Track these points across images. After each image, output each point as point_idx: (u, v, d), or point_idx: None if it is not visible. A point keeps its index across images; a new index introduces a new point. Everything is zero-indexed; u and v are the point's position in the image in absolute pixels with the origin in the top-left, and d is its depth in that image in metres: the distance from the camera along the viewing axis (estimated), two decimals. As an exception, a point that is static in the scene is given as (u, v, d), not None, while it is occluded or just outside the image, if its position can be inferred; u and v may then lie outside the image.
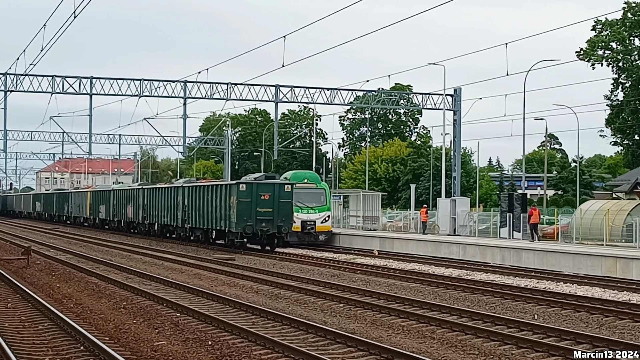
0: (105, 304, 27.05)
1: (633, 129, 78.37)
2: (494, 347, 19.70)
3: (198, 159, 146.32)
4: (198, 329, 21.81)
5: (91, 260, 45.02)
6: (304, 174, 62.01)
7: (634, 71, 76.59)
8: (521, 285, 32.67)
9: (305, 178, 59.81)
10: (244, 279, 35.67)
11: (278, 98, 71.64)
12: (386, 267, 41.31)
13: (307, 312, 25.48)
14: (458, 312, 25.01)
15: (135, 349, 19.03)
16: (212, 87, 70.17)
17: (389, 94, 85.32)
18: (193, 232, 60.60)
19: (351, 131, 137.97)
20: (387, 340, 20.32)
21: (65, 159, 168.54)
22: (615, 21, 78.32)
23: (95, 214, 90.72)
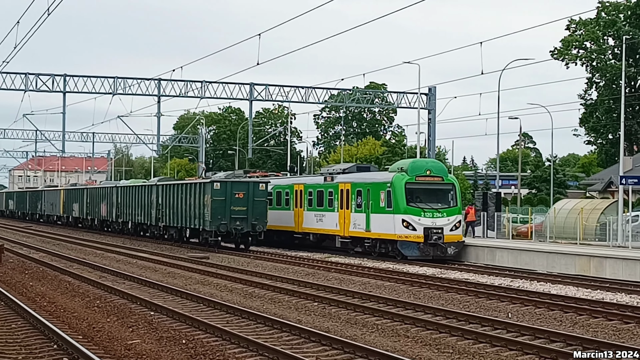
0: (78, 303, 26.96)
1: (607, 128, 78.76)
2: (468, 345, 19.76)
3: (172, 158, 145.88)
4: (172, 327, 21.77)
5: (64, 258, 44.86)
6: (425, 164, 46.12)
7: (607, 70, 76.90)
8: (495, 284, 32.78)
9: (428, 169, 44.58)
10: (218, 277, 35.63)
11: (252, 96, 71.53)
12: (360, 265, 41.36)
13: (282, 310, 25.48)
14: (432, 311, 25.08)
15: (109, 348, 18.98)
16: (186, 85, 70.00)
17: (364, 92, 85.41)
18: (167, 231, 60.44)
19: (326, 130, 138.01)
20: (361, 338, 20.35)
21: (39, 157, 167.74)
22: (589, 20, 78.70)
23: (69, 213, 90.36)
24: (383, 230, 44.20)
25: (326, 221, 49.83)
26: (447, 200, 44.68)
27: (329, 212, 49.57)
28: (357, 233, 46.55)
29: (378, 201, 44.34)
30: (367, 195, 45.39)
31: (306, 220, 52.57)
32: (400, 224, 42.75)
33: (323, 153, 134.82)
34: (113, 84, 68.86)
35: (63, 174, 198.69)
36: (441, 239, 43.17)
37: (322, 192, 50.75)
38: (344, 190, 47.92)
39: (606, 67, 77.44)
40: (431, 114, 73.43)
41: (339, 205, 48.26)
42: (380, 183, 44.66)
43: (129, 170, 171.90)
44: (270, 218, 53.21)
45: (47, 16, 34.90)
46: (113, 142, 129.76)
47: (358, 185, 46.73)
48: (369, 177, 47.37)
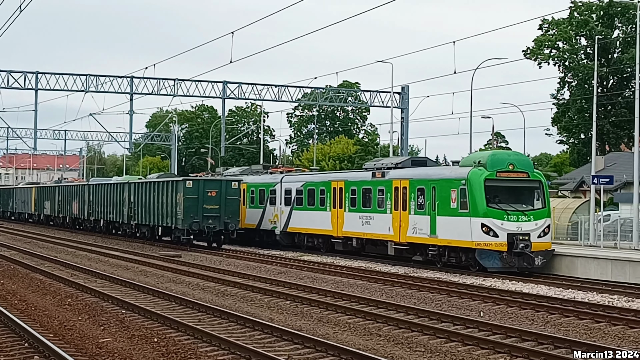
0: (50, 301, 26.87)
1: (579, 128, 79.10)
2: (440, 344, 19.82)
3: (144, 155, 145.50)
4: (144, 326, 21.73)
5: (36, 256, 44.68)
6: (507, 156, 38.06)
7: (580, 70, 77.26)
8: (467, 283, 32.86)
9: (511, 163, 36.90)
10: (190, 276, 35.58)
11: (225, 94, 71.63)
12: (333, 264, 41.37)
13: (254, 309, 25.48)
14: (405, 310, 25.12)
15: (80, 346, 18.94)
16: (159, 83, 70.02)
17: (337, 91, 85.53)
18: (139, 229, 60.26)
19: (299, 128, 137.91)
20: (333, 337, 20.37)
21: (10, 155, 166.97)
22: (561, 20, 79.02)
23: (40, 210, 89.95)
24: (454, 237, 36.84)
25: (375, 224, 42.57)
26: (533, 200, 37.50)
27: (379, 214, 42.15)
28: (417, 239, 39.21)
29: (447, 201, 37.05)
30: (431, 194, 38.03)
31: (348, 223, 45.00)
32: (478, 229, 35.58)
33: (296, 151, 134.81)
34: (85, 81, 68.78)
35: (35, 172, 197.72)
36: (528, 247, 35.71)
37: (370, 190, 43.26)
38: (400, 188, 40.48)
39: (578, 67, 77.80)
40: (404, 113, 73.70)
41: (393, 206, 40.91)
42: (451, 180, 37.20)
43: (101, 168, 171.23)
44: (301, 219, 49.57)
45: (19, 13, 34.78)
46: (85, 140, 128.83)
47: (419, 182, 39.21)
48: (434, 172, 40.26)
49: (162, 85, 70.12)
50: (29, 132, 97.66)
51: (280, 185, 52.09)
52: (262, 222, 53.68)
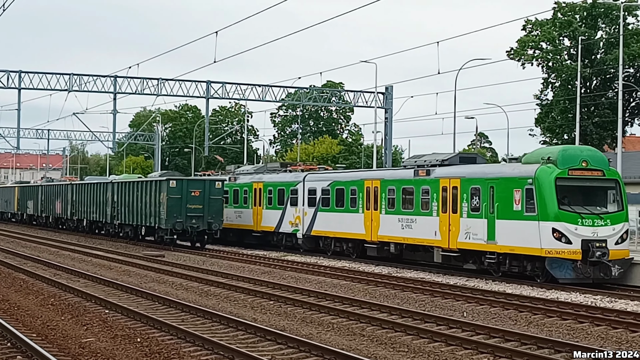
0: (32, 301, 26.80)
1: (562, 129, 79.24)
2: (423, 344, 19.83)
3: (128, 155, 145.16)
4: (127, 325, 21.70)
5: (18, 256, 44.54)
6: (579, 152, 32.96)
7: (563, 71, 77.42)
8: (450, 283, 32.89)
9: (584, 160, 31.99)
10: (173, 275, 35.52)
11: (209, 94, 71.54)
12: (316, 264, 41.35)
13: (237, 309, 25.47)
14: (388, 310, 25.14)
15: (63, 346, 18.90)
16: (142, 82, 69.86)
17: (321, 91, 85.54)
18: (122, 229, 60.13)
19: (282, 128, 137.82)
20: (317, 337, 20.38)
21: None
22: (545, 21, 79.19)
23: (23, 210, 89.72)
24: (518, 243, 32.11)
25: (418, 228, 37.86)
26: (609, 202, 33.02)
27: (423, 217, 37.50)
28: (470, 245, 34.59)
29: (509, 203, 32.42)
30: (489, 195, 33.46)
31: (385, 227, 40.27)
32: (549, 235, 30.90)
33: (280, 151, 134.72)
34: (68, 80, 68.57)
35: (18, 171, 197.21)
36: (605, 255, 30.97)
37: (412, 190, 38.55)
38: (449, 188, 35.93)
39: (562, 68, 77.96)
40: (388, 113, 73.78)
41: (441, 208, 36.35)
42: (514, 178, 32.54)
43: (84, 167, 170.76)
44: (328, 222, 45.17)
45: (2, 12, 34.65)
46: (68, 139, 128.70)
47: (473, 182, 34.58)
48: (491, 170, 35.60)
49: (146, 84, 70.00)
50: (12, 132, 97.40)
51: (302, 184, 47.81)
52: (281, 225, 49.58)
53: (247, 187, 53.53)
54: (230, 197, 55.08)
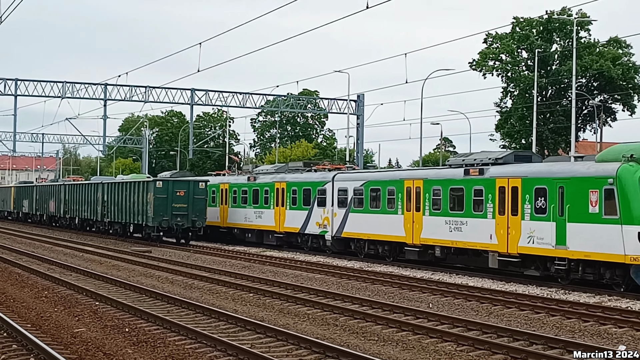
0: (27, 293, 26.67)
1: (520, 134, 79.47)
2: (392, 333, 19.83)
3: (117, 157, 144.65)
4: (116, 316, 21.62)
5: (14, 251, 44.31)
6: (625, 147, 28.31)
7: (521, 81, 77.69)
8: (417, 277, 32.91)
9: None
10: (159, 270, 35.42)
11: (193, 101, 71.58)
12: (293, 259, 41.29)
13: (219, 301, 25.41)
14: (359, 301, 25.13)
15: (56, 336, 18.80)
16: (131, 89, 69.81)
17: (298, 98, 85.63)
18: (112, 226, 59.91)
19: (262, 133, 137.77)
20: (293, 327, 20.35)
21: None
22: (504, 35, 79.47)
23: (19, 208, 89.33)
24: (595, 248, 27.40)
25: (469, 231, 33.34)
26: None
27: (476, 219, 32.93)
28: (534, 250, 30.00)
29: (584, 204, 27.74)
30: (557, 196, 28.88)
31: (429, 229, 35.71)
32: (634, 240, 26.06)
33: (259, 155, 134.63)
34: (62, 88, 68.46)
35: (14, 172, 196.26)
36: None
37: (462, 190, 33.92)
38: (508, 188, 31.37)
39: (520, 78, 78.25)
40: (359, 119, 73.93)
41: (497, 209, 31.84)
42: (590, 178, 27.74)
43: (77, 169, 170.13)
44: (360, 223, 40.47)
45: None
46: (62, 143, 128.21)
47: (538, 181, 30.00)
48: (560, 169, 29.85)
49: (134, 92, 69.94)
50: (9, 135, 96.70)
51: (332, 184, 42.96)
52: (307, 226, 44.90)
53: (269, 186, 48.98)
54: (250, 197, 51.10)
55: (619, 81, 75.86)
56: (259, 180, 50.21)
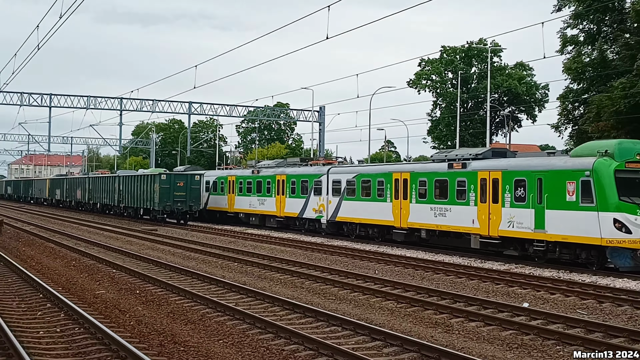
0: (59, 263, 26.49)
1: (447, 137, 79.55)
2: (346, 294, 19.86)
3: (130, 156, 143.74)
4: (129, 281, 21.53)
5: (49, 230, 43.95)
6: (633, 146, 26.03)
7: (447, 96, 77.90)
8: (366, 249, 32.96)
9: (638, 152, 25.68)
10: (163, 244, 35.25)
11: (191, 111, 71.17)
12: (269, 235, 41.18)
13: (211, 269, 25.34)
14: (320, 269, 25.15)
15: (82, 296, 18.71)
16: (141, 102, 69.29)
17: (273, 109, 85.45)
18: (126, 210, 59.57)
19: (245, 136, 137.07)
20: (269, 289, 20.33)
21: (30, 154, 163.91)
22: (434, 60, 79.66)
23: (52, 196, 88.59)
24: (572, 232, 25.71)
25: (453, 217, 31.25)
26: None
27: (459, 206, 30.85)
28: (514, 233, 28.05)
29: (561, 194, 25.98)
30: (536, 186, 27.05)
31: (415, 215, 33.54)
32: (610, 225, 24.72)
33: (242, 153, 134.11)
34: (87, 101, 67.94)
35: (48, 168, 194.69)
36: None
37: (446, 182, 31.79)
38: (489, 180, 29.41)
39: (446, 94, 78.47)
40: (321, 126, 73.78)
41: (479, 198, 29.81)
42: (567, 171, 26.00)
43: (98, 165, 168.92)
44: (353, 209, 38.24)
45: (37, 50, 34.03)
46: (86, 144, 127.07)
47: (517, 174, 28.05)
48: (538, 163, 27.90)
49: (144, 104, 69.40)
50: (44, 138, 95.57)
51: (327, 176, 40.70)
52: (304, 211, 42.66)
53: (270, 178, 46.31)
54: (254, 187, 48.33)
55: (523, 96, 76.36)
56: (262, 173, 47.97)
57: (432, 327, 15.48)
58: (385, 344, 13.63)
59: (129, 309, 16.85)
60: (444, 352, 12.56)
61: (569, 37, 49.24)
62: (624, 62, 43.21)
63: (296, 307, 16.98)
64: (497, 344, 13.96)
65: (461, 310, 16.88)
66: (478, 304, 18.05)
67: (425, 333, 14.77)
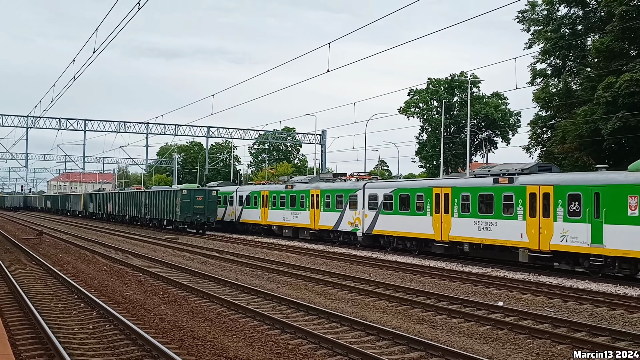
0: (92, 268, 26.46)
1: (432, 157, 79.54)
2: (344, 294, 19.84)
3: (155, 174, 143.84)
4: (153, 284, 21.50)
5: (83, 239, 43.91)
6: None
7: (433, 121, 78.03)
8: (362, 255, 32.92)
9: None
10: (184, 251, 35.23)
11: (208, 134, 71.19)
12: (277, 243, 41.11)
13: (225, 273, 25.31)
14: (322, 272, 25.12)
15: (111, 297, 18.69)
16: (165, 126, 69.33)
17: (281, 133, 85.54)
18: (151, 221, 59.54)
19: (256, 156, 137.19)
20: (277, 290, 20.32)
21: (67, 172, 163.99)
22: (422, 90, 79.83)
23: (86, 209, 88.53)
24: (635, 247, 22.59)
25: (499, 231, 27.85)
26: None
27: (506, 220, 27.47)
28: (567, 247, 24.75)
29: (622, 208, 22.92)
30: (593, 201, 23.95)
31: (457, 228, 30.19)
32: None
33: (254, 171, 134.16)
34: (117, 125, 67.99)
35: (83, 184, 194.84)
36: None
37: (491, 196, 28.30)
38: (539, 194, 26.09)
39: (432, 119, 78.57)
40: (323, 147, 73.77)
41: (528, 212, 26.51)
42: (628, 185, 22.94)
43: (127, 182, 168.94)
44: (389, 223, 34.85)
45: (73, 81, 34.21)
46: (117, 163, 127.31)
47: (571, 189, 24.88)
48: (594, 178, 24.56)
49: (167, 128, 69.46)
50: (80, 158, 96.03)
51: (362, 191, 37.33)
52: (339, 224, 39.26)
53: (304, 193, 43.02)
54: (287, 201, 45.01)
55: (498, 122, 76.40)
56: (296, 188, 44.49)
57: (419, 323, 15.47)
58: (378, 338, 13.64)
59: (153, 308, 16.84)
60: (430, 345, 12.58)
61: (538, 70, 49.46)
62: (586, 92, 43.39)
63: (300, 306, 16.97)
64: (476, 338, 13.97)
65: (444, 309, 16.87)
66: (459, 303, 18.04)
67: (413, 328, 14.77)
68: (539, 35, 47.79)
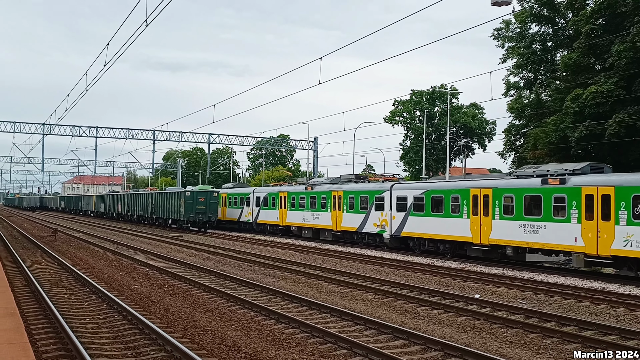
0: (102, 263, 26.37)
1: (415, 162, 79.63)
2: (334, 288, 19.83)
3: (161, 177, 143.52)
4: (159, 277, 21.44)
5: (94, 236, 43.75)
6: None
7: (415, 129, 78.18)
8: (350, 251, 32.89)
9: None
10: (187, 248, 35.14)
11: (210, 141, 71.14)
12: (272, 241, 41.04)
13: (225, 267, 25.26)
14: (314, 267, 25.10)
15: (120, 290, 18.63)
16: (170, 133, 69.25)
17: (276, 139, 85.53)
18: (157, 220, 59.38)
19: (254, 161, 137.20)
20: (272, 284, 20.28)
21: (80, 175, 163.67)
22: (405, 100, 79.95)
23: (98, 209, 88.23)
24: None
25: (547, 233, 24.27)
26: None
27: (556, 223, 23.94)
28: (633, 253, 21.23)
29: None
30: None
31: (499, 231, 26.41)
32: None
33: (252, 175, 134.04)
34: (126, 132, 67.87)
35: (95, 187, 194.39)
36: None
37: (539, 198, 24.70)
38: (597, 196, 22.53)
39: (415, 128, 78.69)
40: (315, 153, 73.80)
41: (583, 215, 22.97)
42: None
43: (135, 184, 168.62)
44: (420, 225, 31.11)
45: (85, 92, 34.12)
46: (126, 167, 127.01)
47: (637, 190, 21.36)
48: None
49: (172, 135, 69.37)
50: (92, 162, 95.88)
51: (390, 192, 33.60)
52: (364, 226, 35.65)
53: (326, 194, 39.48)
54: (307, 202, 41.49)
55: (476, 130, 76.60)
56: (316, 189, 40.85)
57: (403, 314, 15.48)
58: (365, 327, 13.64)
59: (159, 300, 16.79)
60: (412, 334, 12.58)
61: (512, 83, 49.65)
62: (555, 103, 43.58)
63: (294, 299, 16.95)
64: (455, 327, 13.98)
65: (426, 301, 16.88)
66: (439, 296, 18.05)
67: (397, 319, 14.77)
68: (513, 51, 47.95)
